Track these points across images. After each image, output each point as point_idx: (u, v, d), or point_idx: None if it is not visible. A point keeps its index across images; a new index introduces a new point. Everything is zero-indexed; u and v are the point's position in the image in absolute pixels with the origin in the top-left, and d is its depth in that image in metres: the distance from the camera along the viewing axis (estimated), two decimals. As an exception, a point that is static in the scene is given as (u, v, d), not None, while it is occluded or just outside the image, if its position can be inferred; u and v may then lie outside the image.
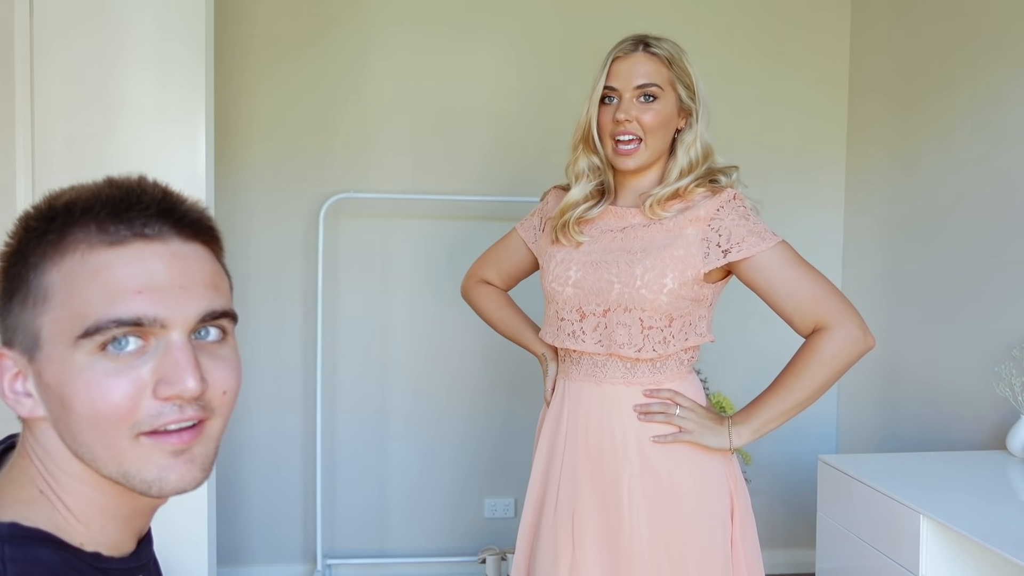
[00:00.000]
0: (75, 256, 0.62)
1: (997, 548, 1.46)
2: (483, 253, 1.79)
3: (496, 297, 1.75)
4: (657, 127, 1.44)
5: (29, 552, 0.63)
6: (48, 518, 0.66)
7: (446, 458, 2.86)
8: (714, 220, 1.42)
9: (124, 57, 1.89)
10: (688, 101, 1.47)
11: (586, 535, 1.45)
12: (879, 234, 2.76)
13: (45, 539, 0.65)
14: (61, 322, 0.62)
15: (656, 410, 1.44)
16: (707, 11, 2.86)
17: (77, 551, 0.66)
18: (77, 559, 0.66)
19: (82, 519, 0.67)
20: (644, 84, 1.43)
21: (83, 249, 0.63)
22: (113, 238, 0.63)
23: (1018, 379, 2.05)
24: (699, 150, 1.47)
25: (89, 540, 0.68)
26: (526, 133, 2.78)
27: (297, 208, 2.74)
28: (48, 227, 0.64)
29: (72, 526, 0.67)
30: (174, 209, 0.66)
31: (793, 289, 1.41)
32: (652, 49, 1.45)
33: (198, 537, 1.94)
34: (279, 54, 2.71)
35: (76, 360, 0.62)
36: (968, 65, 2.35)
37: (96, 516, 0.67)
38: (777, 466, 2.93)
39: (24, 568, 0.62)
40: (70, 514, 0.67)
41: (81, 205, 0.64)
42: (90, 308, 0.61)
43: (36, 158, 1.89)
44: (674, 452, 1.45)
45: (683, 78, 1.46)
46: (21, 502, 0.66)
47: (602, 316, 1.44)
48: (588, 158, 1.51)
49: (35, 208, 0.66)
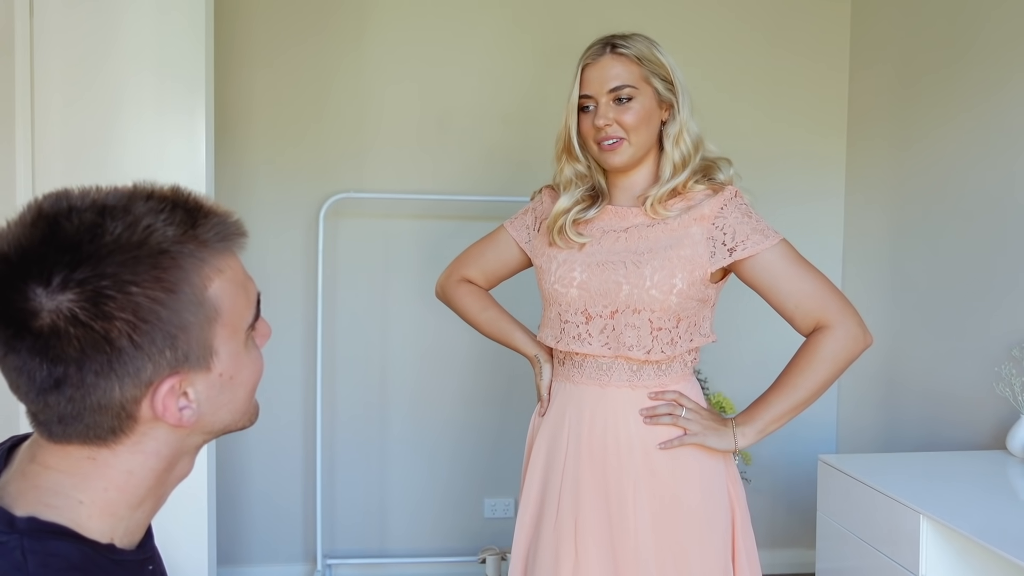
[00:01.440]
0: (220, 268, 0.71)
1: (997, 548, 1.46)
2: (464, 251, 1.72)
3: (480, 297, 1.68)
4: (638, 124, 1.43)
5: (48, 544, 0.65)
6: (67, 516, 0.68)
7: (446, 458, 2.86)
8: (718, 218, 1.42)
9: (124, 57, 1.89)
10: (667, 93, 1.45)
11: (589, 540, 1.44)
12: (879, 234, 2.76)
13: (63, 532, 0.67)
14: (231, 325, 0.72)
15: (663, 411, 1.43)
16: (706, 7, 2.85)
17: (94, 544, 0.68)
18: (94, 551, 0.68)
19: (106, 512, 0.70)
20: (616, 87, 1.42)
21: (220, 262, 0.72)
22: (229, 245, 0.74)
23: (1018, 379, 2.05)
24: (688, 141, 1.45)
25: (109, 534, 0.70)
26: (527, 133, 2.78)
27: (297, 208, 2.74)
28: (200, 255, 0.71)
29: (91, 520, 0.69)
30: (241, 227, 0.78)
31: (795, 287, 1.42)
32: (620, 50, 1.43)
33: (198, 537, 1.94)
34: (279, 54, 2.71)
35: (242, 347, 0.74)
36: (969, 64, 2.34)
37: (135, 503, 0.72)
38: (777, 466, 2.93)
39: (44, 559, 0.64)
40: (96, 514, 0.69)
41: (217, 230, 0.72)
42: (245, 307, 0.74)
43: (36, 158, 1.89)
44: (678, 455, 1.44)
45: (657, 71, 1.44)
46: (49, 506, 0.68)
47: (609, 318, 1.43)
48: (572, 166, 1.50)
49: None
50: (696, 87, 1.56)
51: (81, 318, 0.63)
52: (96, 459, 0.70)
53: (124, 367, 0.65)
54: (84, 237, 0.65)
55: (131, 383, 0.66)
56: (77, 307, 0.63)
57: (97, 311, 0.63)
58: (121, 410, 0.68)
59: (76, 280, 0.63)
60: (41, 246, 0.64)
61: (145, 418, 0.69)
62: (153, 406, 0.68)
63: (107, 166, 1.88)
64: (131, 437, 0.70)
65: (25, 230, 0.66)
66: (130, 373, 0.66)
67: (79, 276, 0.63)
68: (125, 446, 0.70)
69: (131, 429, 0.69)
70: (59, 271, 0.63)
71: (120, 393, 0.66)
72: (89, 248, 0.64)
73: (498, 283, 1.71)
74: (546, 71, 2.78)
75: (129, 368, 0.66)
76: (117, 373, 0.65)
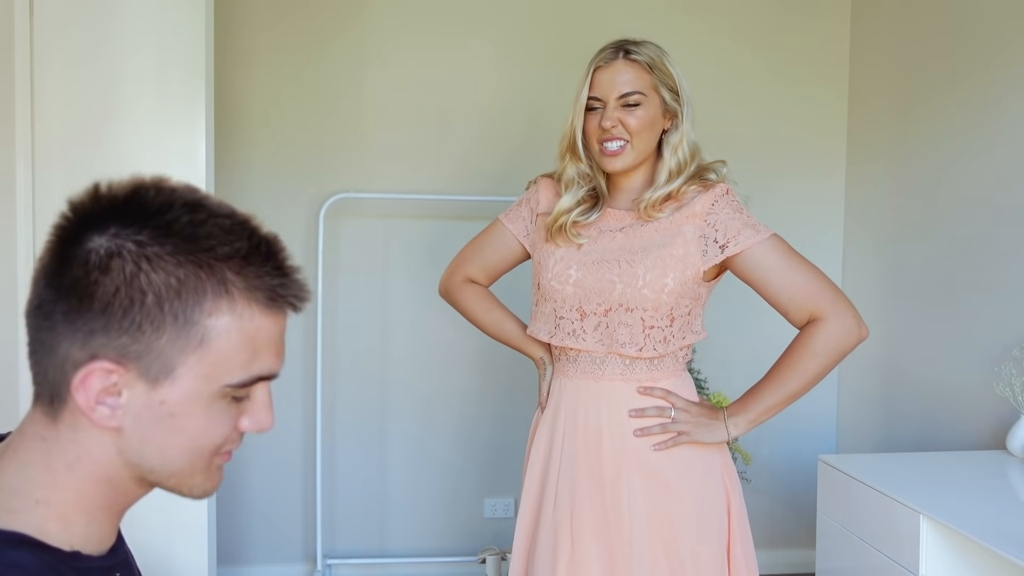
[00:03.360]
0: (240, 313, 0.67)
1: (997, 548, 1.46)
2: (462, 249, 1.72)
3: (484, 298, 1.69)
4: (642, 129, 1.45)
5: (6, 555, 0.64)
6: (29, 523, 0.67)
7: (446, 458, 2.86)
8: (710, 215, 1.44)
9: (124, 57, 1.89)
10: (672, 103, 1.48)
11: (584, 530, 1.46)
12: (879, 234, 2.76)
13: (21, 541, 0.65)
14: (209, 367, 0.66)
15: (651, 415, 1.45)
16: (706, 13, 2.85)
17: (55, 551, 0.67)
18: (55, 560, 0.66)
19: (68, 519, 0.68)
20: (627, 93, 1.44)
21: (247, 310, 0.67)
22: (273, 307, 0.69)
23: (1018, 379, 2.05)
24: (686, 150, 1.48)
25: (69, 540, 0.68)
26: (527, 133, 2.78)
27: (297, 208, 2.74)
28: (218, 277, 0.67)
29: (54, 528, 0.68)
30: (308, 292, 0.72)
31: (788, 281, 1.43)
32: (632, 56, 1.45)
33: (198, 537, 1.94)
34: (279, 54, 2.71)
35: (206, 398, 0.68)
36: (968, 65, 2.35)
37: (92, 512, 0.70)
38: (777, 466, 2.93)
39: (1, 572, 0.63)
40: (53, 516, 0.68)
41: (252, 267, 0.68)
42: (240, 364, 0.68)
43: (36, 159, 1.89)
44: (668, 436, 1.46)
45: (666, 81, 1.47)
46: (9, 510, 0.67)
47: (603, 315, 1.45)
48: (576, 166, 1.52)
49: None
50: (697, 85, 1.56)
51: (92, 260, 0.64)
52: (46, 440, 0.69)
53: (85, 323, 0.65)
54: (152, 208, 0.67)
55: (80, 343, 0.65)
56: (106, 250, 0.64)
57: (106, 263, 0.64)
58: (60, 369, 0.66)
59: (123, 234, 0.65)
60: (121, 202, 0.67)
61: (74, 401, 0.66)
62: (84, 383, 0.65)
63: (107, 165, 1.88)
64: (65, 418, 0.68)
65: (120, 189, 0.68)
66: (82, 331, 0.65)
67: (124, 232, 0.65)
68: (63, 430, 0.68)
69: (63, 403, 0.67)
70: (114, 224, 0.65)
71: (67, 349, 0.65)
72: (145, 213, 0.66)
73: (499, 277, 1.72)
74: (546, 71, 2.78)
75: (86, 326, 0.65)
76: (75, 325, 0.65)
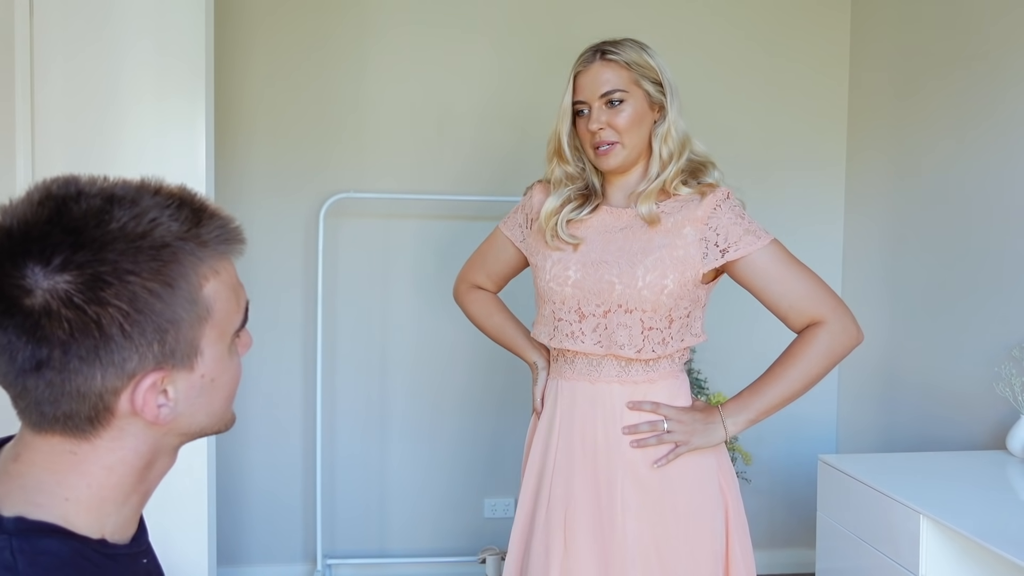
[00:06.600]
0: (217, 270, 0.72)
1: (997, 548, 1.46)
2: (470, 256, 1.78)
3: (488, 304, 1.74)
4: (630, 126, 1.47)
5: (37, 543, 0.65)
6: (56, 515, 0.68)
7: (446, 458, 2.86)
8: (711, 219, 1.44)
9: (124, 57, 1.89)
10: (657, 95, 1.49)
11: (578, 533, 1.46)
12: (879, 235, 2.76)
13: (51, 530, 0.66)
14: (219, 328, 0.72)
15: (645, 432, 1.45)
16: (706, 11, 2.85)
17: (84, 539, 0.68)
18: (85, 547, 0.67)
19: (100, 510, 0.70)
20: (607, 92, 1.47)
21: (219, 264, 0.72)
22: (228, 250, 0.74)
23: (1018, 379, 2.05)
24: (676, 139, 1.49)
25: (99, 529, 0.70)
26: (526, 133, 2.78)
27: (297, 208, 2.74)
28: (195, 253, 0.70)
29: (83, 520, 0.69)
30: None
31: (788, 287, 1.44)
32: (609, 56, 1.48)
33: (198, 537, 1.95)
34: (279, 54, 2.71)
35: (226, 352, 0.74)
36: (969, 66, 2.35)
37: (128, 496, 0.73)
38: (777, 466, 2.93)
39: (33, 558, 0.64)
40: (83, 510, 0.69)
41: (217, 233, 0.72)
42: (234, 312, 0.74)
43: (36, 159, 1.89)
44: (666, 449, 1.46)
45: (647, 74, 1.48)
46: (36, 504, 0.68)
47: (602, 317, 1.45)
48: (563, 167, 1.54)
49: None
50: (695, 91, 1.57)
51: (76, 300, 0.63)
52: (77, 453, 0.69)
53: (110, 356, 0.65)
54: (90, 222, 0.65)
55: (114, 373, 0.66)
56: (73, 289, 0.63)
57: (93, 295, 0.63)
58: (99, 400, 0.67)
59: (76, 263, 0.63)
60: (46, 225, 0.64)
61: (123, 412, 0.68)
62: (133, 400, 0.67)
63: (107, 163, 1.88)
64: (108, 431, 0.69)
65: (31, 208, 0.65)
66: (115, 363, 0.65)
67: (79, 259, 0.63)
68: (104, 440, 0.69)
69: (108, 422, 0.68)
70: (60, 252, 0.63)
71: (101, 382, 0.66)
72: (93, 233, 0.64)
73: (505, 283, 1.76)
74: (545, 72, 2.78)
75: (115, 357, 0.65)
76: (102, 361, 0.65)
